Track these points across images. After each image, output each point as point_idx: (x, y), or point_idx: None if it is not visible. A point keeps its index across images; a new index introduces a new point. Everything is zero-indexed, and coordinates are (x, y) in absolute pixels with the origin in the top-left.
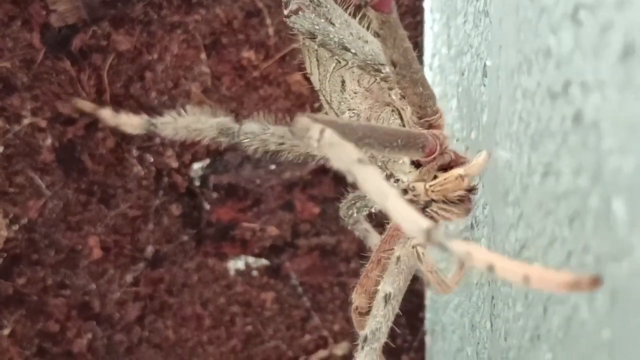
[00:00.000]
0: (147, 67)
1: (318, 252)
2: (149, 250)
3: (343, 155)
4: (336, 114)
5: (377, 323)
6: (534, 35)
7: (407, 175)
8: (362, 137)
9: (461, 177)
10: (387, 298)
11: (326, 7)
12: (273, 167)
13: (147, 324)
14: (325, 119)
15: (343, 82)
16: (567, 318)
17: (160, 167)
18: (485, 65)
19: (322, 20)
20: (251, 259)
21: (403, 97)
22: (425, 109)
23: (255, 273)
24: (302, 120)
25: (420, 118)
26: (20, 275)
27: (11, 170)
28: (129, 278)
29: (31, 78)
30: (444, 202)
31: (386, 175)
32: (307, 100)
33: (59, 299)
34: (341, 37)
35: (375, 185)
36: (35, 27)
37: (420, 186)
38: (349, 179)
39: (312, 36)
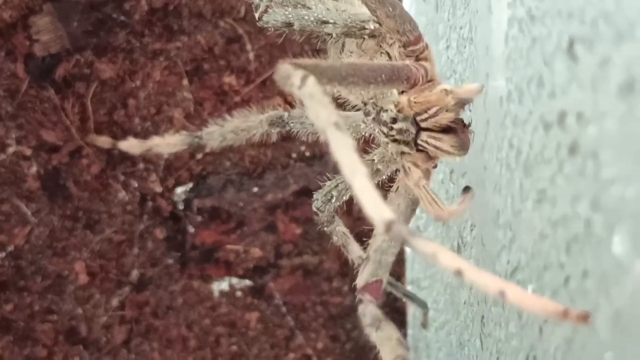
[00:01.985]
0: (130, 94)
1: (301, 272)
2: (134, 274)
3: (321, 113)
4: None
5: (381, 241)
6: (525, 64)
7: (396, 105)
8: (346, 75)
9: (446, 91)
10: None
11: None
12: (256, 189)
13: (134, 347)
14: (308, 63)
15: (342, 47)
16: (567, 340)
17: (144, 192)
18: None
19: (297, 8)
20: (235, 280)
21: (387, 32)
22: (405, 33)
23: (239, 294)
24: (284, 66)
25: (404, 47)
26: (7, 301)
27: None
28: (114, 302)
29: (15, 107)
30: (434, 130)
31: (377, 110)
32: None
33: (46, 325)
34: (316, 14)
35: (347, 156)
36: (19, 57)
37: (403, 99)
38: (322, 138)
39: (289, 25)
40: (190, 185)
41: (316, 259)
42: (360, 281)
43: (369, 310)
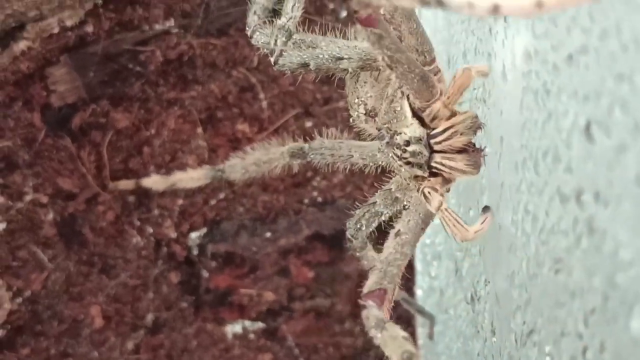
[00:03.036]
0: (145, 142)
1: (313, 314)
2: (149, 317)
3: None
4: (351, 106)
5: (388, 253)
6: (540, 136)
7: (409, 128)
8: (399, 49)
9: (468, 69)
10: (397, 234)
11: (308, 39)
12: (269, 234)
13: None
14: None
15: (357, 79)
16: None
17: (159, 237)
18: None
19: (310, 49)
20: (248, 323)
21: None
22: (423, 53)
23: (252, 336)
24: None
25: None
26: (24, 345)
27: (14, 244)
28: (130, 345)
29: (32, 156)
30: (448, 152)
31: (391, 134)
32: (301, 170)
33: None
34: (330, 52)
35: None
36: (36, 107)
37: (437, 104)
38: None
39: (305, 66)
40: (205, 230)
41: (328, 302)
42: (365, 289)
43: (372, 314)
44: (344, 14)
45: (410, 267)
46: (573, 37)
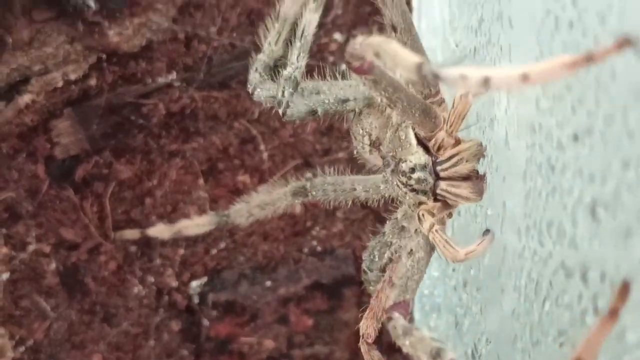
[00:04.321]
0: (147, 193)
1: None
2: None
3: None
4: (354, 137)
5: (405, 270)
6: (545, 207)
7: (414, 155)
8: (397, 89)
9: (465, 95)
10: (410, 253)
11: (309, 86)
12: (269, 283)
13: None
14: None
15: (361, 111)
16: None
17: (160, 286)
18: (486, 213)
19: (313, 95)
20: None
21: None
22: (427, 86)
23: None
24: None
25: (425, 98)
26: None
27: (17, 294)
28: None
29: (36, 207)
30: (453, 179)
31: (396, 162)
32: (300, 220)
33: None
34: (335, 95)
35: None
36: (40, 159)
37: (441, 134)
38: None
39: (314, 113)
40: (205, 279)
41: (327, 349)
42: (387, 303)
43: (399, 324)
44: (343, 66)
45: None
46: (578, 118)
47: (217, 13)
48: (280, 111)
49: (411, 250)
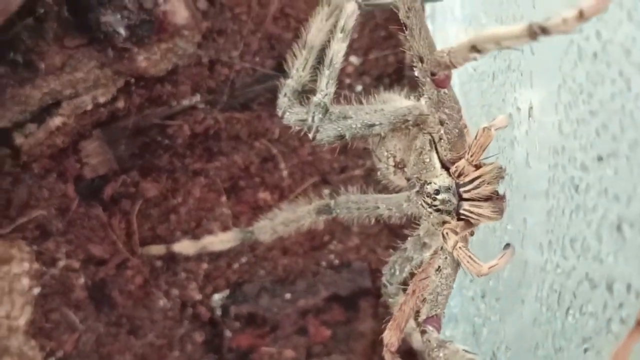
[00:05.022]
0: (172, 210)
1: None
2: None
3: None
4: (379, 159)
5: (435, 286)
6: (568, 224)
7: (439, 178)
8: (452, 109)
9: (488, 128)
10: (438, 270)
11: (336, 110)
12: (288, 296)
13: None
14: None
15: (385, 135)
16: None
17: (184, 299)
18: (506, 229)
19: (341, 120)
20: None
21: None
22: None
23: None
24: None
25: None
26: None
27: (47, 308)
28: None
29: (65, 224)
30: (475, 199)
31: (421, 183)
32: (318, 234)
33: None
34: (362, 120)
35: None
36: (69, 178)
37: (462, 162)
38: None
39: (341, 137)
40: (227, 292)
41: (344, 358)
42: (421, 317)
43: (433, 337)
44: (359, 87)
45: None
46: (603, 141)
47: (239, 38)
48: (311, 135)
49: (439, 267)
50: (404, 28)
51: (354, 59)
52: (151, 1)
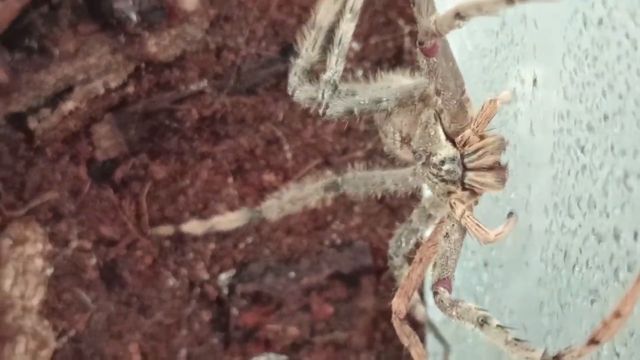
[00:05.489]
0: (180, 192)
1: (332, 347)
2: (183, 353)
3: None
4: (386, 135)
5: (444, 251)
6: (574, 185)
7: (444, 149)
8: (446, 78)
9: (494, 100)
10: (446, 236)
11: (344, 88)
12: (293, 274)
13: None
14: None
15: (391, 112)
16: None
17: (192, 279)
18: (509, 197)
19: (350, 97)
20: (273, 356)
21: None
22: (457, 86)
23: None
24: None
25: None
26: None
27: (60, 288)
28: None
29: (78, 206)
30: (479, 169)
31: (427, 155)
32: (321, 214)
33: None
34: (369, 96)
35: None
36: (82, 161)
37: (467, 132)
38: None
39: (350, 112)
40: (234, 271)
41: (346, 335)
42: (433, 280)
43: (445, 297)
44: (359, 72)
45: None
46: (608, 101)
47: (245, 25)
48: (320, 111)
49: (447, 233)
50: (412, 5)
51: (354, 45)
52: None
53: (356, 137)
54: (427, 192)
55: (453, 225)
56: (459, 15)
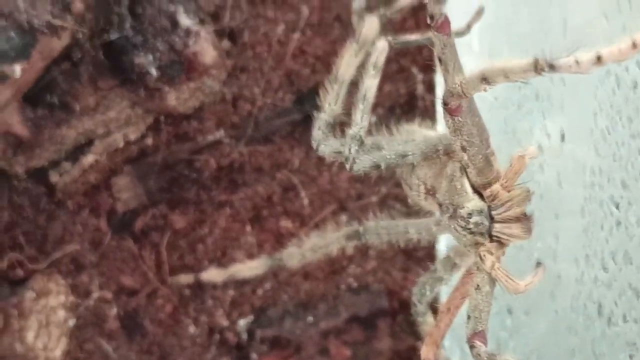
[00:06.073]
0: (199, 240)
1: None
2: None
3: None
4: (410, 187)
5: (477, 303)
6: (607, 239)
7: (471, 202)
8: (472, 135)
9: (522, 157)
10: (477, 288)
11: (369, 142)
12: (311, 318)
13: None
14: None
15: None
16: None
17: (212, 325)
18: (536, 246)
19: (375, 151)
20: None
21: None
22: (482, 140)
23: None
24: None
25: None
26: None
27: (82, 339)
28: None
29: (98, 257)
30: (506, 221)
31: (454, 208)
32: (337, 259)
33: None
34: (395, 150)
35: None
36: (102, 213)
37: (496, 187)
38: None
39: (377, 167)
40: (252, 317)
41: None
42: (468, 333)
43: (482, 351)
44: (373, 119)
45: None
46: None
47: (260, 75)
48: (347, 166)
49: (478, 285)
50: (439, 63)
51: None
52: (181, 43)
53: (370, 182)
54: (444, 240)
55: (483, 277)
56: (485, 80)
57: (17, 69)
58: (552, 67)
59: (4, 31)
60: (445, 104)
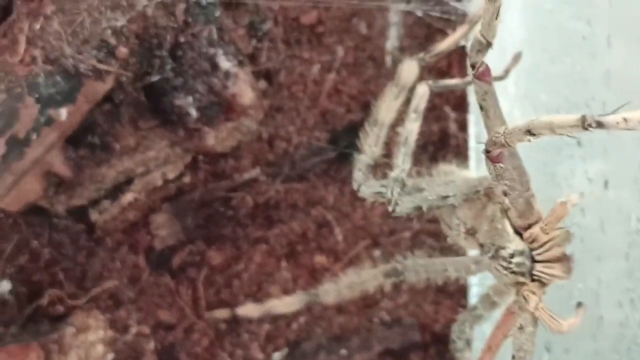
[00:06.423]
0: (235, 276)
1: None
2: None
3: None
4: (450, 227)
5: (521, 344)
6: None
7: (512, 243)
8: (513, 181)
9: (564, 203)
10: (520, 328)
11: (409, 183)
12: (344, 352)
13: None
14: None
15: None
16: None
17: (247, 358)
18: (577, 286)
19: (416, 193)
20: None
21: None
22: (522, 182)
23: None
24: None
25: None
26: None
27: None
28: None
29: (136, 293)
30: (546, 261)
31: (495, 249)
32: (370, 293)
33: None
34: (435, 192)
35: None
36: (140, 250)
37: (536, 230)
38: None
39: (419, 209)
40: (287, 350)
41: None
42: None
43: None
44: None
45: None
46: None
47: (296, 114)
48: (390, 208)
49: (521, 325)
50: (480, 109)
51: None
52: (220, 84)
53: (403, 219)
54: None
55: (526, 317)
56: (530, 132)
57: (63, 113)
58: (599, 124)
59: (50, 76)
60: (487, 151)
